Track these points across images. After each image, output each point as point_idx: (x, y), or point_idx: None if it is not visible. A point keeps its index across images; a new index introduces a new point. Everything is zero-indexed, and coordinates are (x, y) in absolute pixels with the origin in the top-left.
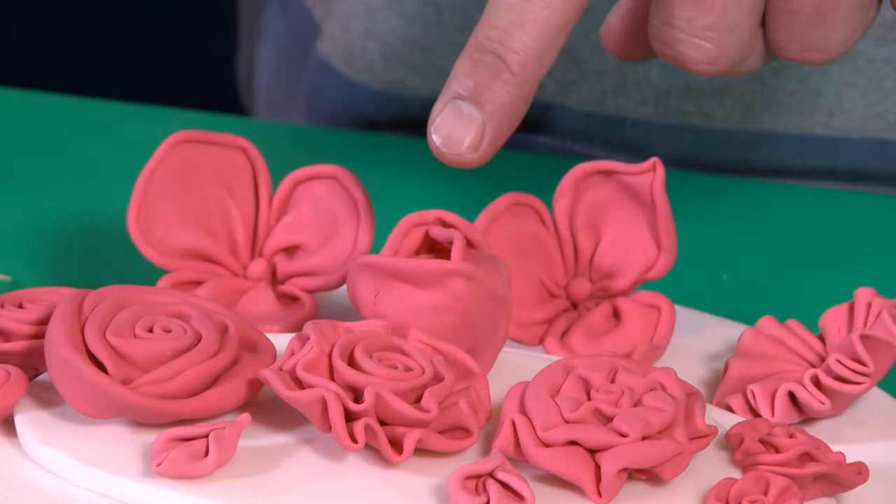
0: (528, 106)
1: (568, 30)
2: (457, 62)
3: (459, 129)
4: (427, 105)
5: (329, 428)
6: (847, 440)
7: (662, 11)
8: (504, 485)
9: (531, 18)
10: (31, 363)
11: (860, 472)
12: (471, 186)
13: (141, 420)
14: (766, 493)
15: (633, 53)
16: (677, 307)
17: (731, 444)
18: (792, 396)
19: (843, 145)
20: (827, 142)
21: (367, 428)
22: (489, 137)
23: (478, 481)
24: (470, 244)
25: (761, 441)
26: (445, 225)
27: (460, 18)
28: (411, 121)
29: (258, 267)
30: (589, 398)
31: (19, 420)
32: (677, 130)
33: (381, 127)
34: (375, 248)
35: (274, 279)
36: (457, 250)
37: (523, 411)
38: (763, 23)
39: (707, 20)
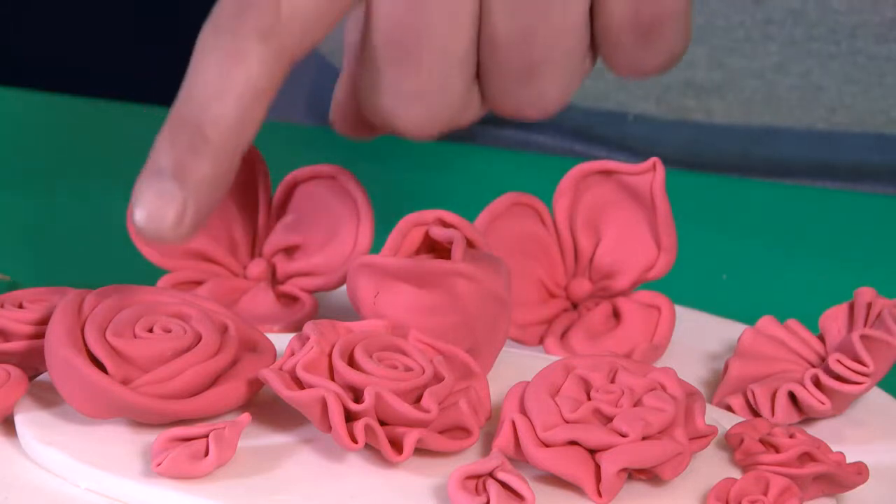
0: (231, 176)
1: (269, 97)
2: (157, 136)
3: (160, 207)
4: None
5: (329, 428)
6: (847, 440)
7: (368, 78)
8: (504, 485)
9: (229, 89)
10: (31, 363)
11: (860, 472)
12: (471, 186)
13: (141, 420)
14: (766, 493)
15: (360, 130)
16: (677, 307)
17: (731, 444)
18: (792, 396)
19: (844, 140)
20: (828, 137)
21: (367, 428)
22: (191, 213)
23: (478, 481)
24: (470, 244)
25: (761, 441)
26: (445, 225)
27: None
28: None
29: (258, 267)
30: (589, 398)
31: (19, 420)
32: (678, 126)
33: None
34: (375, 248)
35: (274, 279)
36: (457, 250)
37: (523, 411)
38: (477, 77)
39: (413, 84)
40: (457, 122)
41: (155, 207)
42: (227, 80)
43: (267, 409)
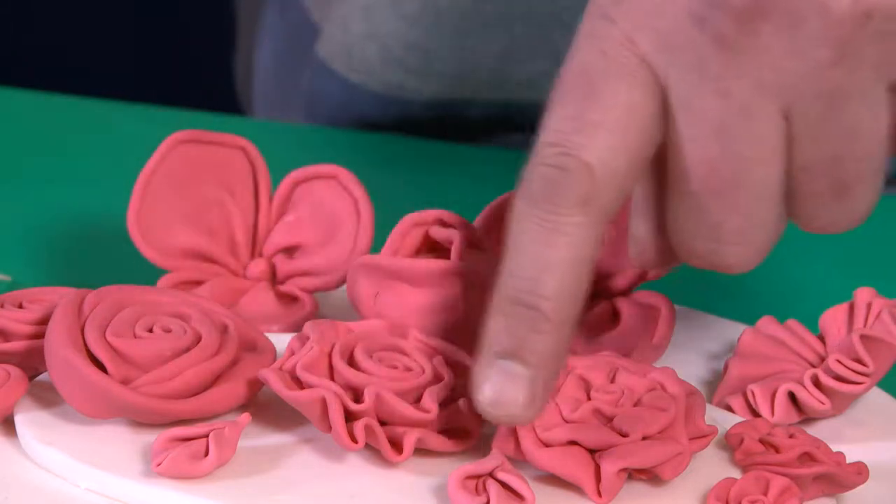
0: (570, 345)
1: (593, 262)
2: (488, 320)
3: (510, 390)
4: (426, 107)
5: (329, 428)
6: (847, 440)
7: (683, 222)
8: (504, 485)
9: (556, 262)
10: (31, 363)
11: (860, 472)
12: (471, 187)
13: (141, 420)
14: (766, 493)
15: (669, 265)
16: (677, 307)
17: (731, 444)
18: (792, 396)
19: None
20: None
21: (367, 428)
22: (540, 390)
23: (478, 481)
24: (470, 244)
25: (761, 441)
26: (445, 225)
27: (459, 23)
28: (411, 123)
29: (258, 267)
30: (589, 398)
31: (19, 420)
32: None
33: (381, 129)
34: (375, 248)
35: (274, 279)
36: (456, 250)
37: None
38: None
39: (734, 225)
40: (772, 247)
41: (504, 391)
42: (552, 255)
43: (267, 408)
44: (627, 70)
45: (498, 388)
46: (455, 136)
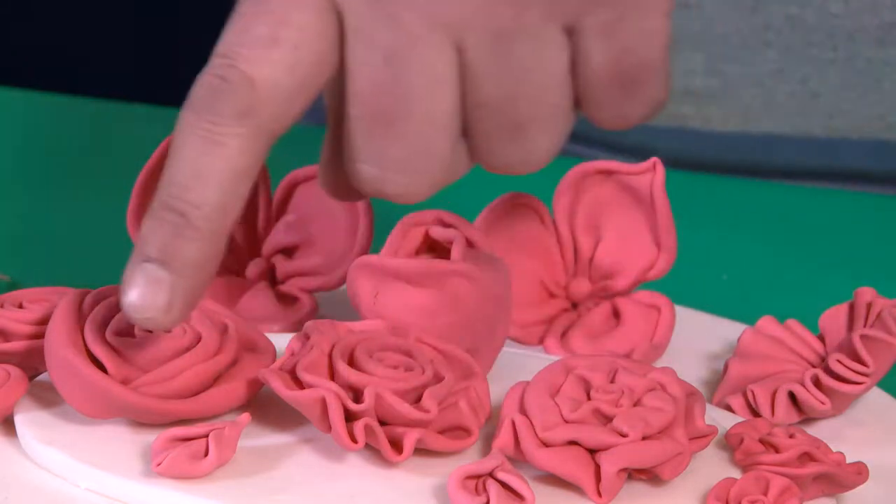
0: (219, 257)
1: (250, 177)
2: (143, 222)
3: (150, 293)
4: None
5: (329, 428)
6: (847, 440)
7: (351, 146)
8: (504, 485)
9: (209, 171)
10: (31, 363)
11: (860, 472)
12: (470, 186)
13: (141, 420)
14: (765, 494)
15: (348, 194)
16: (677, 307)
17: (731, 444)
18: (792, 396)
19: (843, 147)
20: (826, 143)
21: (367, 428)
22: (180, 297)
23: (478, 481)
24: (469, 244)
25: (761, 441)
26: (445, 225)
27: None
28: None
29: (258, 267)
30: (589, 398)
31: (19, 420)
32: (676, 133)
33: None
34: (375, 247)
35: (273, 279)
36: (456, 250)
37: (523, 411)
38: (464, 136)
39: (398, 151)
40: (444, 182)
41: (145, 294)
42: (207, 163)
43: (267, 408)
44: None
45: (140, 291)
46: None
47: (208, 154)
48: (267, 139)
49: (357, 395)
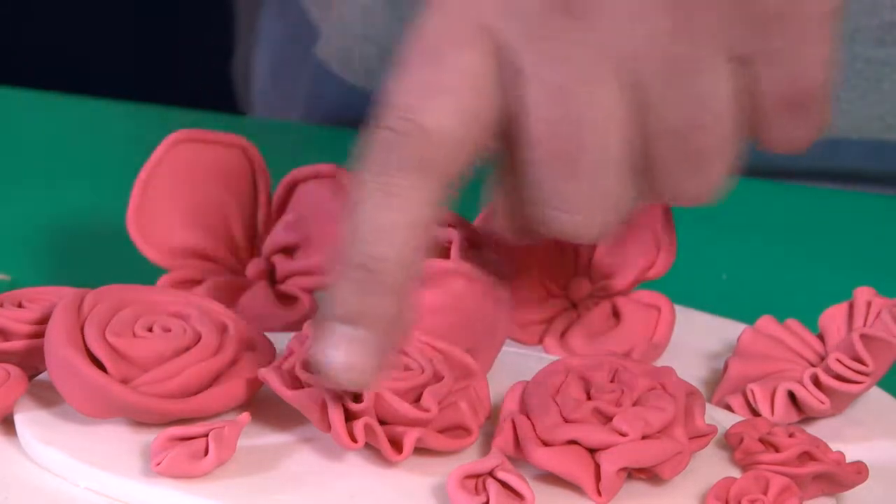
0: (409, 310)
1: (431, 226)
2: (332, 285)
3: (347, 354)
4: None
5: (328, 427)
6: (846, 439)
7: (529, 192)
8: (504, 484)
9: (392, 225)
10: (31, 362)
11: (860, 472)
12: (470, 186)
13: (140, 419)
14: (765, 493)
15: (528, 237)
16: (677, 307)
17: (731, 444)
18: (791, 396)
19: (842, 147)
20: (826, 143)
21: (367, 427)
22: (377, 353)
23: (477, 480)
24: (469, 244)
25: (761, 440)
26: (445, 225)
27: None
28: None
29: (257, 266)
30: (589, 397)
31: (19, 419)
32: None
33: None
34: None
35: (273, 278)
36: (456, 250)
37: (523, 410)
38: (642, 174)
39: (577, 193)
40: (620, 218)
41: (342, 354)
42: (389, 218)
43: (266, 408)
44: (468, 35)
45: (337, 351)
46: None
47: (389, 208)
48: (444, 187)
49: (356, 395)
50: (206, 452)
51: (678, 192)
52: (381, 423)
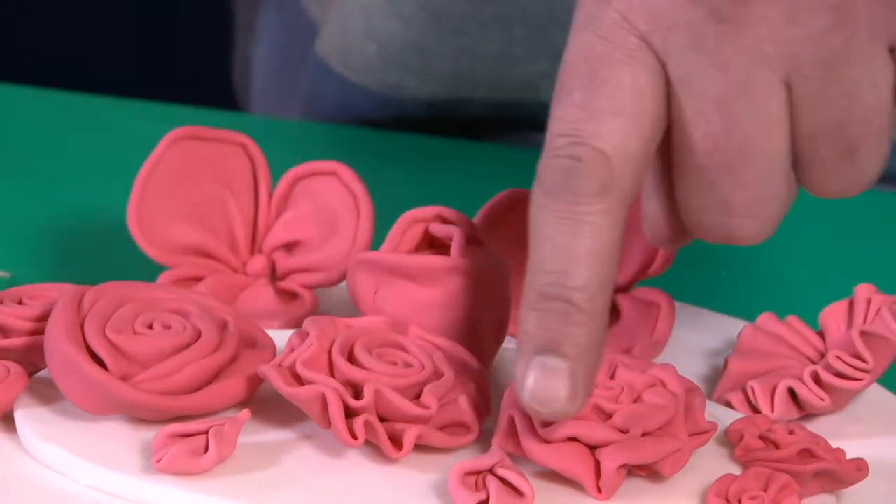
0: (605, 335)
1: (619, 248)
2: (522, 317)
3: (552, 386)
4: (425, 106)
5: (329, 424)
6: (847, 436)
7: (693, 199)
8: (504, 481)
9: (583, 252)
10: (31, 359)
11: (860, 469)
12: (470, 183)
13: (141, 416)
14: (765, 490)
15: (682, 242)
16: (677, 303)
17: (731, 441)
18: (792, 393)
19: None
20: None
21: (367, 424)
22: (582, 382)
23: (477, 477)
24: (469, 241)
25: (761, 437)
26: (445, 221)
27: (457, 23)
28: (410, 122)
29: (258, 263)
30: None
31: (19, 416)
32: None
33: (380, 128)
34: (375, 244)
35: (273, 275)
36: (456, 247)
37: (523, 408)
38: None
39: (744, 198)
40: (781, 219)
41: (546, 388)
42: (578, 245)
43: (267, 405)
44: (628, 52)
45: (540, 384)
46: (454, 135)
47: (578, 236)
48: (624, 208)
49: (357, 392)
50: (207, 449)
51: (829, 185)
52: (382, 420)
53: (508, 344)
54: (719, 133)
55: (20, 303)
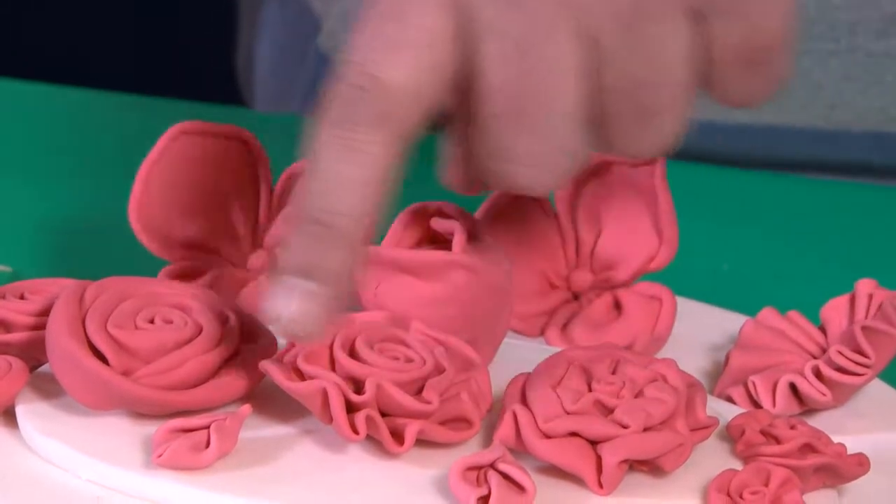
0: (360, 265)
1: (388, 182)
2: (285, 238)
3: (296, 305)
4: None
5: (330, 419)
6: (848, 431)
7: (484, 144)
8: (505, 476)
9: (351, 179)
10: (33, 354)
11: (861, 464)
12: None
13: (142, 411)
14: (767, 485)
15: (476, 190)
16: (678, 298)
17: (733, 436)
18: (793, 388)
19: (844, 139)
20: (827, 135)
21: (369, 419)
22: (326, 306)
23: (479, 472)
24: (471, 236)
25: (762, 432)
26: (446, 216)
27: None
28: None
29: (259, 258)
30: (590, 389)
31: (20, 411)
32: None
33: None
34: (377, 239)
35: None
36: (458, 242)
37: (524, 402)
38: (594, 125)
39: (532, 146)
40: (573, 171)
41: (291, 306)
42: (348, 172)
43: (268, 400)
44: None
45: (290, 305)
46: None
47: (349, 162)
48: (402, 142)
49: (358, 387)
50: (208, 444)
51: (628, 145)
52: (383, 414)
53: (510, 338)
54: (513, 78)
55: (22, 298)
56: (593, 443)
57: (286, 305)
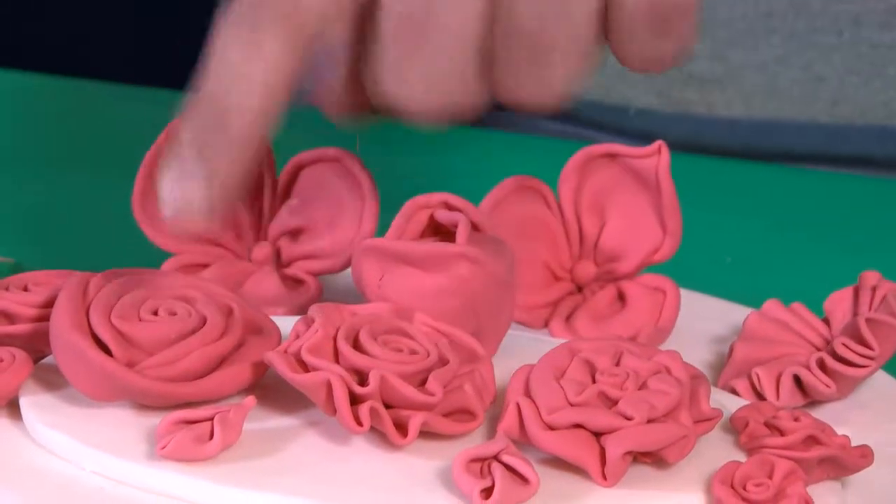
0: (252, 165)
1: (290, 84)
2: (181, 121)
3: (186, 193)
4: None
5: (334, 411)
6: (852, 423)
7: (375, 60)
8: (509, 468)
9: (250, 75)
10: (36, 346)
11: (865, 456)
12: (476, 169)
13: (146, 403)
14: (770, 477)
15: (353, 113)
16: (682, 290)
17: (736, 428)
18: (797, 380)
19: (847, 133)
20: (830, 129)
21: (372, 411)
22: (216, 197)
23: (482, 464)
24: (475, 227)
25: (766, 424)
26: (450, 208)
27: None
28: None
29: (263, 250)
30: (594, 381)
31: (24, 403)
32: (680, 119)
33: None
34: (380, 230)
35: (279, 262)
36: (462, 233)
37: (528, 394)
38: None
39: (423, 65)
40: (462, 109)
41: (181, 194)
42: (247, 69)
43: (272, 391)
44: None
45: (178, 190)
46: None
47: (250, 58)
48: (306, 48)
49: (362, 378)
50: (212, 436)
51: (516, 88)
52: (387, 406)
53: (513, 330)
54: (418, 4)
55: (25, 289)
56: (597, 434)
57: (177, 193)
